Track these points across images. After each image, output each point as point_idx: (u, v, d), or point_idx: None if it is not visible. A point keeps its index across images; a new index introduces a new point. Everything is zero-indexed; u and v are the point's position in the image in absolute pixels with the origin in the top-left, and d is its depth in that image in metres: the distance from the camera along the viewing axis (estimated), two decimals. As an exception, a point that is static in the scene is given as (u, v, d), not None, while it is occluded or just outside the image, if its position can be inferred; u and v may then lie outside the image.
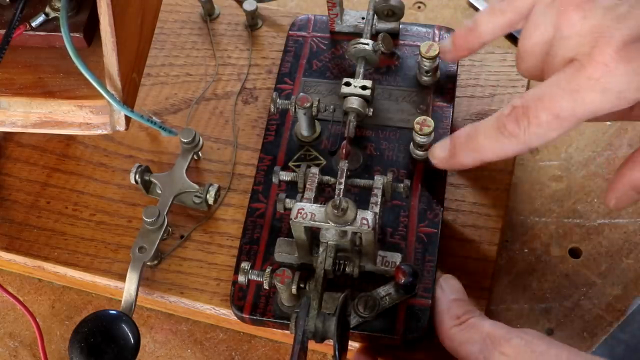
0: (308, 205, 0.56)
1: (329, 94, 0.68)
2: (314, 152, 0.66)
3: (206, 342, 0.67)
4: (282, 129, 0.67)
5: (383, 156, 0.65)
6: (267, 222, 0.63)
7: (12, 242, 0.68)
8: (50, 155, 0.71)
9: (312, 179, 0.59)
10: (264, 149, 0.66)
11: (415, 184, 0.63)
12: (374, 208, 0.57)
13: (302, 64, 0.70)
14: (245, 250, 0.62)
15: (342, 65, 0.70)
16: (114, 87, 0.59)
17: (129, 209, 0.69)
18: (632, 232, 0.70)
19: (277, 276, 0.56)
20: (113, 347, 0.59)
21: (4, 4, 0.63)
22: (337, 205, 0.54)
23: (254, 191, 0.64)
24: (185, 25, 0.78)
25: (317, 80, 0.69)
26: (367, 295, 0.58)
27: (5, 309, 0.70)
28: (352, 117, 0.63)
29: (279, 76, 0.69)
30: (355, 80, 0.64)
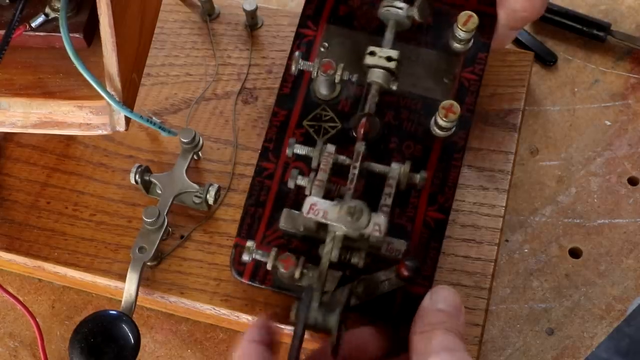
0: (321, 202, 0.55)
1: (352, 48, 0.64)
2: (330, 113, 0.63)
3: (206, 342, 0.67)
4: (299, 83, 0.64)
5: (401, 127, 0.62)
6: (275, 185, 0.61)
7: (12, 242, 0.68)
8: (50, 156, 0.71)
9: (327, 160, 0.57)
10: (278, 102, 0.63)
11: (430, 163, 0.61)
12: (386, 200, 0.56)
13: (328, 8, 0.65)
14: (250, 213, 0.61)
15: (371, 15, 0.65)
16: (113, 87, 0.59)
17: (129, 209, 0.69)
18: (632, 232, 0.70)
19: (282, 262, 0.56)
20: (113, 347, 0.59)
21: (3, 4, 0.63)
22: (352, 213, 0.54)
23: (264, 148, 0.62)
24: (185, 25, 0.78)
25: (341, 29, 0.65)
26: (367, 278, 0.57)
27: (5, 309, 0.70)
28: (374, 91, 0.60)
29: (302, 18, 0.65)
30: (381, 50, 0.60)
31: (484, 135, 0.69)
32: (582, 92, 0.77)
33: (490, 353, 0.66)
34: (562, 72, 0.79)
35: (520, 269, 0.69)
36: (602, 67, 0.79)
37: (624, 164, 0.73)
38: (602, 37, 0.79)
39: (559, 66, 0.79)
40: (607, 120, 0.75)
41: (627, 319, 0.67)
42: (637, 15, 0.82)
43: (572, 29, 0.80)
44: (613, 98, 0.77)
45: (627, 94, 0.77)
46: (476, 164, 0.68)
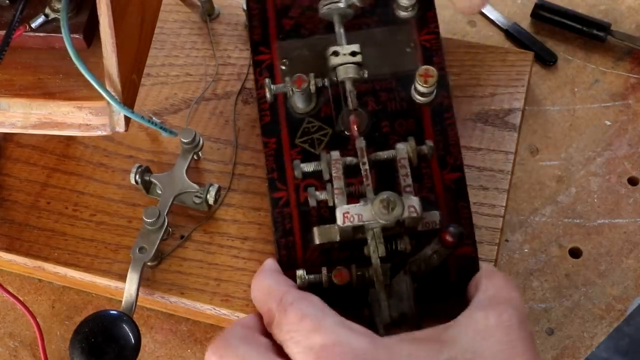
0: (352, 208, 0.55)
1: (311, 55, 0.64)
2: (317, 122, 0.62)
3: (206, 342, 0.67)
4: (275, 106, 0.63)
5: (386, 109, 0.62)
6: (294, 209, 0.60)
7: (13, 243, 0.68)
8: (50, 156, 0.71)
9: (337, 166, 0.57)
10: (265, 132, 0.63)
11: (427, 131, 0.61)
12: (406, 180, 0.56)
13: (273, 27, 0.65)
14: (282, 245, 0.60)
15: (315, 17, 0.65)
16: (113, 88, 0.59)
17: (129, 209, 0.69)
18: (632, 232, 0.70)
19: (336, 277, 0.56)
20: (113, 347, 0.59)
21: (3, 4, 0.63)
22: (387, 205, 0.54)
23: (270, 180, 0.62)
24: (185, 25, 0.78)
25: (294, 42, 0.65)
26: (416, 258, 0.56)
27: (5, 309, 0.70)
28: (350, 86, 0.60)
29: (252, 46, 0.65)
30: (342, 47, 0.61)
31: (484, 135, 0.69)
32: (582, 92, 0.77)
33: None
34: (562, 72, 0.79)
35: (520, 269, 0.69)
36: (602, 67, 0.79)
37: (624, 164, 0.73)
38: (602, 37, 0.79)
39: (559, 66, 0.79)
40: (607, 120, 0.75)
41: (627, 319, 0.67)
42: (637, 15, 0.82)
43: (572, 29, 0.80)
44: (613, 98, 0.77)
45: (627, 94, 0.77)
46: (476, 164, 0.68)
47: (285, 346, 0.50)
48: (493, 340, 0.49)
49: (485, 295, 0.52)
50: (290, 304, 0.51)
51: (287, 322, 0.51)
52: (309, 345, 0.48)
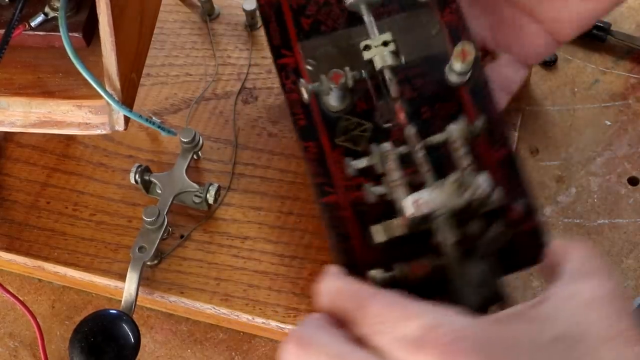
0: (422, 195, 0.52)
1: (338, 49, 0.62)
2: (354, 119, 0.60)
3: (206, 342, 0.67)
4: (308, 109, 0.60)
5: (423, 94, 0.60)
6: (348, 212, 0.58)
7: (12, 242, 0.68)
8: (50, 155, 0.71)
9: (392, 157, 0.55)
10: (302, 136, 0.60)
11: (469, 111, 0.59)
12: (466, 159, 0.54)
13: (292, 28, 0.63)
14: (342, 250, 0.57)
15: (333, 11, 0.63)
16: (112, 87, 0.59)
17: (129, 209, 0.69)
18: (632, 232, 0.70)
19: (414, 270, 0.54)
20: (113, 347, 0.59)
21: (3, 3, 0.63)
22: (461, 184, 0.52)
23: (317, 185, 0.59)
24: (185, 25, 0.78)
25: (316, 41, 0.62)
26: (485, 240, 0.54)
27: (5, 309, 0.70)
28: (390, 74, 0.58)
29: (273, 50, 0.62)
30: (373, 40, 0.58)
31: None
32: (582, 92, 0.77)
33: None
34: (562, 72, 0.79)
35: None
36: (602, 67, 0.79)
37: (624, 164, 0.73)
38: (602, 37, 0.79)
39: (559, 66, 0.79)
40: (607, 120, 0.75)
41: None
42: (637, 15, 0.82)
43: (572, 29, 0.80)
44: (613, 98, 0.77)
45: (627, 94, 0.77)
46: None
47: (368, 340, 0.47)
48: (598, 312, 0.45)
49: (576, 266, 0.48)
50: (368, 299, 0.48)
51: (368, 316, 0.47)
52: (402, 334, 0.45)
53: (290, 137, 0.71)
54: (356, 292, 0.49)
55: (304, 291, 0.64)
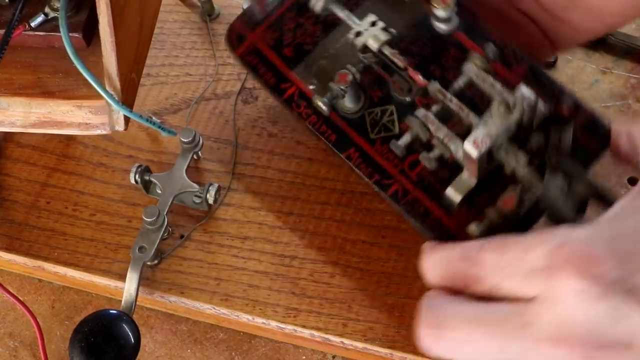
0: (476, 134, 0.52)
1: (330, 57, 0.62)
2: (375, 109, 0.60)
3: (206, 342, 0.67)
4: (332, 122, 0.61)
5: (425, 56, 0.60)
6: (417, 191, 0.58)
7: (12, 243, 0.68)
8: (50, 155, 0.71)
9: (431, 118, 0.55)
10: (340, 148, 0.60)
11: (472, 48, 0.60)
12: (496, 86, 0.54)
13: (279, 62, 0.63)
14: (429, 228, 0.57)
15: (307, 28, 0.63)
16: (112, 87, 0.59)
17: (129, 209, 0.69)
18: (633, 231, 0.70)
19: (505, 204, 0.54)
20: (113, 347, 0.59)
21: (3, 4, 0.63)
22: (507, 105, 0.52)
23: (376, 183, 0.59)
24: (185, 25, 0.78)
25: (306, 61, 0.63)
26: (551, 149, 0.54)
27: (5, 309, 0.70)
28: (389, 50, 0.59)
29: (273, 91, 0.63)
30: (360, 25, 0.59)
31: (483, 134, 0.69)
32: (582, 92, 0.77)
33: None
34: (562, 72, 0.78)
35: (520, 268, 0.69)
36: (602, 67, 0.78)
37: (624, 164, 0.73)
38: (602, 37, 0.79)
39: (559, 66, 0.79)
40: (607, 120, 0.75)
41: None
42: (637, 15, 0.82)
43: (572, 29, 0.80)
44: (613, 98, 0.77)
45: (627, 94, 0.77)
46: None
47: (497, 290, 0.46)
48: None
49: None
50: (478, 252, 0.47)
51: (487, 268, 0.47)
52: (529, 268, 0.45)
53: (290, 137, 0.71)
54: (464, 252, 0.49)
55: (304, 291, 0.64)
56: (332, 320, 0.63)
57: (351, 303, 0.63)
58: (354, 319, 0.63)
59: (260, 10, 0.64)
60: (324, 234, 0.66)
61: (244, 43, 0.64)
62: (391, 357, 0.63)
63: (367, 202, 0.67)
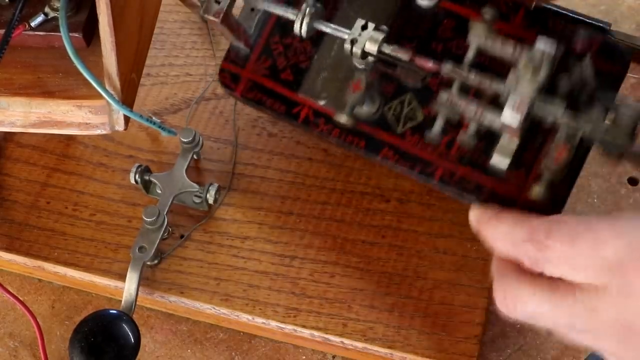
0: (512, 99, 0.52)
1: (330, 68, 0.62)
2: (394, 103, 0.60)
3: (206, 342, 0.67)
4: (356, 130, 0.60)
5: (420, 37, 0.60)
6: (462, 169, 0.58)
7: (12, 242, 0.68)
8: (50, 155, 0.71)
9: (456, 98, 0.55)
10: (373, 152, 0.60)
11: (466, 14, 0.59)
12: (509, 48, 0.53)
13: (282, 89, 0.62)
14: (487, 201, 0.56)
15: (297, 47, 0.63)
16: (112, 87, 0.59)
17: (129, 209, 0.69)
18: (633, 231, 0.70)
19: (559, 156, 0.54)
20: (113, 347, 0.59)
21: (3, 3, 0.63)
22: (533, 61, 0.52)
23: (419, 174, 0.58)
24: (185, 25, 0.78)
25: (308, 78, 0.62)
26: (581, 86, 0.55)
27: (5, 309, 0.70)
28: (389, 48, 0.57)
29: (288, 117, 0.62)
30: (352, 33, 0.57)
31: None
32: (582, 91, 0.77)
33: (490, 353, 0.66)
34: (562, 72, 0.79)
35: (520, 268, 0.69)
36: (602, 67, 0.78)
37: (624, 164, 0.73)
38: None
39: (559, 66, 0.79)
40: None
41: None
42: (637, 15, 0.82)
43: (572, 29, 0.80)
44: (613, 98, 0.77)
45: (627, 94, 0.77)
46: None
47: (565, 276, 0.47)
48: None
49: None
50: (547, 236, 0.48)
51: (556, 255, 0.47)
52: (602, 262, 0.46)
53: (290, 137, 0.71)
54: (531, 234, 0.49)
55: (304, 291, 0.64)
56: (332, 320, 0.63)
57: (351, 303, 0.63)
58: (354, 319, 0.63)
59: (244, 44, 0.63)
60: (324, 234, 0.66)
61: (240, 82, 0.63)
62: (391, 357, 0.63)
63: (367, 202, 0.67)
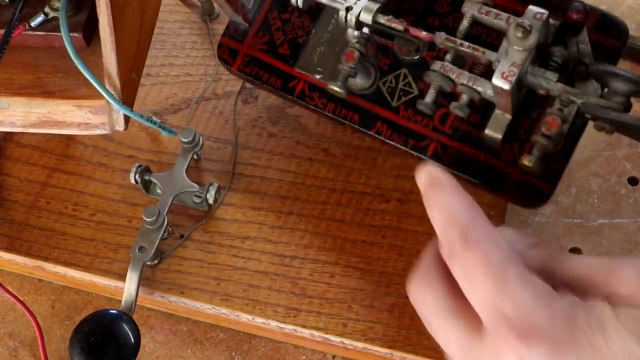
0: (502, 67, 0.52)
1: (326, 42, 0.63)
2: (388, 77, 0.61)
3: (206, 342, 0.67)
4: (349, 103, 0.61)
5: (418, 11, 0.60)
6: (457, 143, 0.58)
7: (12, 242, 0.68)
8: (50, 155, 0.71)
9: (448, 68, 0.55)
10: (367, 126, 0.61)
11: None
12: (501, 18, 0.54)
13: (278, 63, 0.64)
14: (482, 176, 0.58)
15: (295, 22, 0.64)
16: (113, 86, 0.59)
17: (129, 208, 0.69)
18: (632, 232, 0.70)
19: (550, 126, 0.53)
20: (113, 347, 0.59)
21: (3, 3, 0.63)
22: (522, 27, 0.52)
23: (414, 148, 0.59)
24: (185, 25, 0.78)
25: (304, 52, 0.63)
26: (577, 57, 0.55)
27: (5, 309, 0.70)
28: (383, 18, 0.57)
29: (284, 91, 0.63)
30: (346, 1, 0.58)
31: (484, 134, 0.69)
32: (582, 92, 0.77)
33: (490, 353, 0.66)
34: (562, 72, 0.79)
35: (520, 268, 0.69)
36: (602, 67, 0.78)
37: (624, 164, 0.73)
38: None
39: (559, 66, 0.79)
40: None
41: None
42: (637, 15, 0.82)
43: (572, 29, 0.80)
44: (613, 98, 0.77)
45: (627, 93, 0.77)
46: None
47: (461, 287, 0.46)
48: None
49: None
50: (475, 243, 0.46)
51: (467, 263, 0.46)
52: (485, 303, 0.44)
53: (290, 137, 0.71)
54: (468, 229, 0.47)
55: (304, 291, 0.64)
56: (332, 320, 0.63)
57: (351, 303, 0.63)
58: (354, 319, 0.63)
59: (243, 19, 0.64)
60: (324, 234, 0.66)
61: (238, 56, 0.64)
62: (391, 357, 0.63)
63: (367, 202, 0.67)
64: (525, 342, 0.43)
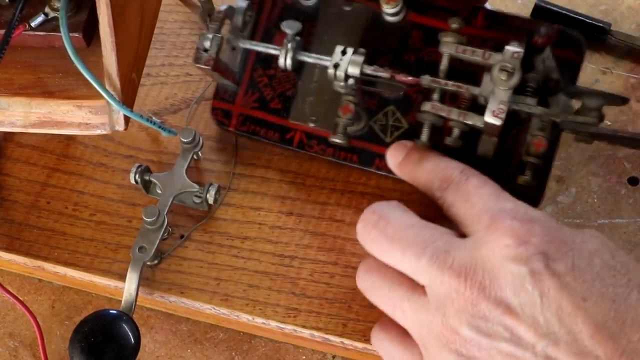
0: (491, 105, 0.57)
1: (317, 92, 0.66)
2: (379, 117, 0.64)
3: (206, 342, 0.67)
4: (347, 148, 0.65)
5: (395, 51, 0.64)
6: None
7: (12, 242, 0.68)
8: (50, 155, 0.71)
9: (438, 106, 0.59)
10: (368, 164, 0.65)
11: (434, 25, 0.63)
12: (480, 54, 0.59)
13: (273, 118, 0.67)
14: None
15: (281, 77, 0.67)
16: (113, 87, 0.59)
17: (129, 209, 0.69)
18: (632, 232, 0.70)
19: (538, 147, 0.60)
20: (113, 347, 0.59)
21: (3, 4, 0.63)
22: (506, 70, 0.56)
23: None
24: (185, 25, 0.78)
25: (296, 104, 0.66)
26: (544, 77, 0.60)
27: (5, 309, 0.70)
28: (369, 69, 0.61)
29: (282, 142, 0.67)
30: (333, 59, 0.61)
31: (483, 134, 0.69)
32: (582, 92, 0.77)
33: (490, 353, 0.66)
34: (562, 72, 0.78)
35: (520, 268, 0.69)
36: (602, 67, 0.78)
37: (624, 164, 0.73)
38: (602, 37, 0.79)
39: (559, 66, 0.79)
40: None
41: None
42: (637, 15, 0.82)
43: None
44: (613, 98, 0.77)
45: (627, 94, 0.77)
46: (476, 163, 0.68)
47: (456, 206, 0.56)
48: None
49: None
50: (473, 174, 0.56)
51: (467, 185, 0.55)
52: (485, 207, 0.53)
53: (290, 137, 0.71)
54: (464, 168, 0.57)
55: (304, 291, 0.64)
56: (332, 320, 0.63)
57: (351, 303, 0.63)
58: (354, 319, 0.63)
59: (230, 81, 0.67)
60: (324, 234, 0.66)
61: (232, 117, 0.67)
62: (391, 357, 0.63)
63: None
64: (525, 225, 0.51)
